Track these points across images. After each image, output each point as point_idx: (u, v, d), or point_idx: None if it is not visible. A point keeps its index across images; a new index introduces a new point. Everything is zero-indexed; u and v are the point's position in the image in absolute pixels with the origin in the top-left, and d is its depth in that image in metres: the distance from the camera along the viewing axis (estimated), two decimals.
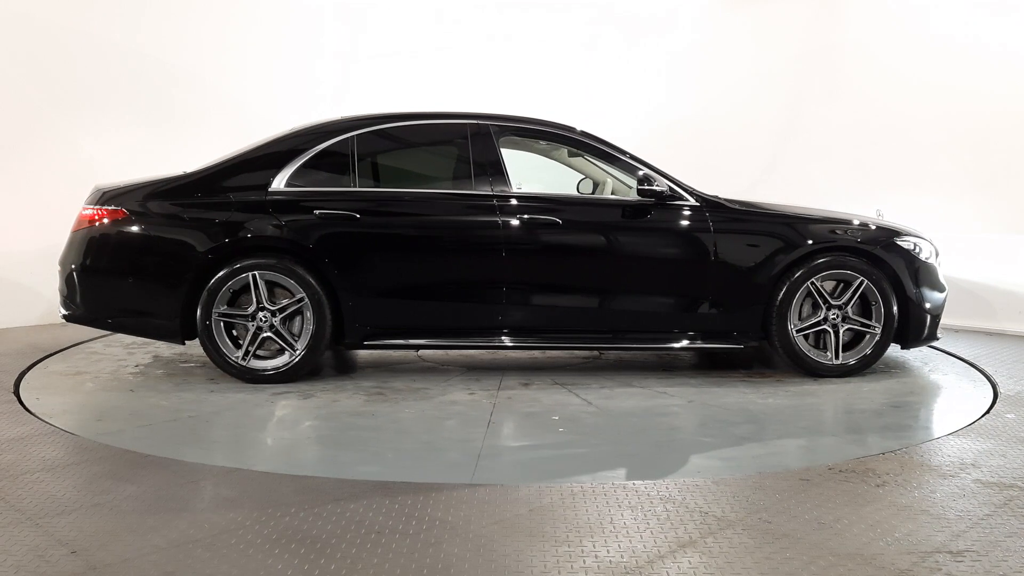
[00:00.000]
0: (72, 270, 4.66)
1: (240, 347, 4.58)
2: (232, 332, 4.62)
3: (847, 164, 7.47)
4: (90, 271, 4.65)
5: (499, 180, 4.72)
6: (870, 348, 4.76)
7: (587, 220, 4.79)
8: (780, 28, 8.04)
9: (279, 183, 4.65)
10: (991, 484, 3.09)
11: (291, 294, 4.58)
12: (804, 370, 4.78)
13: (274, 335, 4.58)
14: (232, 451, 3.63)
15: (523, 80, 8.79)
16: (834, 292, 4.77)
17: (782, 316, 4.68)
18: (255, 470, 3.24)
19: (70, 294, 4.71)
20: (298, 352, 4.59)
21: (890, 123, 7.21)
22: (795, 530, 2.67)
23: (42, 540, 2.58)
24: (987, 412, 4.14)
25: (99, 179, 4.93)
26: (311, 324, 4.57)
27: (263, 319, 4.56)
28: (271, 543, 2.55)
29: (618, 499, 2.92)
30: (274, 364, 4.62)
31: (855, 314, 4.73)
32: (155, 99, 7.27)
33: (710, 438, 3.77)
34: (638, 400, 4.38)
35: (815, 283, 4.69)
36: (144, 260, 4.65)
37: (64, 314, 4.78)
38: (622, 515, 2.78)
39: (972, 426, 3.89)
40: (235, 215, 4.59)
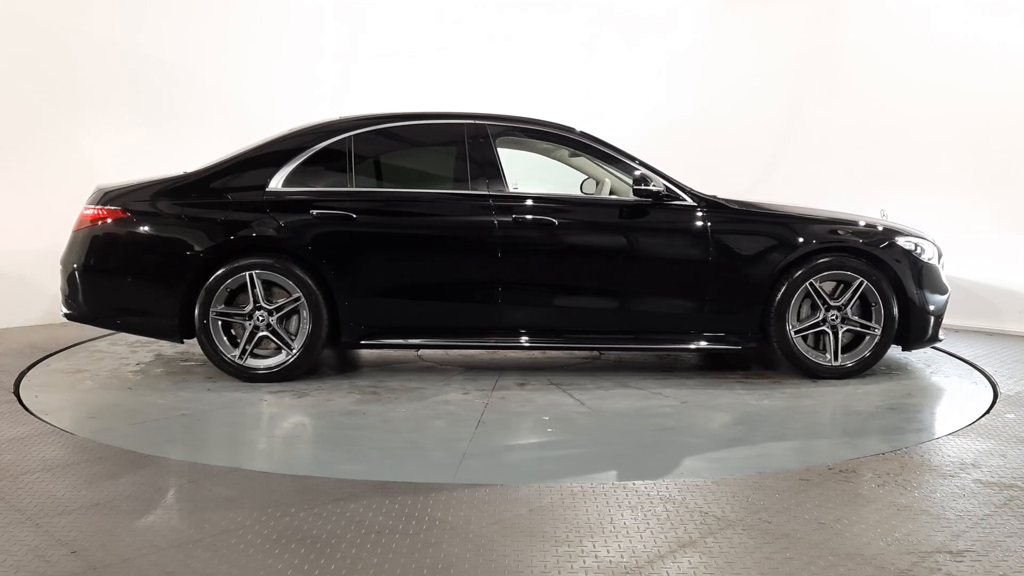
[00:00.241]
0: (73, 269, 4.70)
1: (238, 346, 4.60)
2: (231, 331, 4.64)
3: (847, 164, 7.46)
4: (91, 270, 4.68)
5: (495, 180, 4.72)
6: (869, 350, 4.73)
7: (583, 220, 4.79)
8: (780, 28, 8.04)
9: (277, 183, 4.66)
10: (991, 484, 3.09)
11: (288, 293, 4.60)
12: (802, 371, 4.77)
13: (271, 334, 4.60)
14: (216, 448, 3.67)
15: (523, 80, 8.79)
16: (834, 293, 4.75)
17: (780, 317, 4.67)
18: (255, 470, 3.25)
19: (71, 293, 4.74)
20: (295, 351, 4.61)
21: (890, 123, 7.21)
22: (795, 530, 2.67)
23: (42, 540, 2.57)
24: (987, 412, 4.14)
25: (99, 179, 4.96)
26: (307, 324, 4.58)
27: (260, 318, 4.57)
28: (271, 543, 2.55)
29: (618, 499, 2.92)
30: (271, 363, 4.63)
31: (855, 315, 4.72)
32: (155, 99, 7.28)
33: (699, 439, 3.76)
34: (631, 401, 4.37)
35: (814, 284, 4.67)
36: (144, 259, 4.69)
37: (65, 313, 4.81)
38: (622, 515, 2.78)
39: (972, 426, 3.89)
40: (233, 215, 4.61)
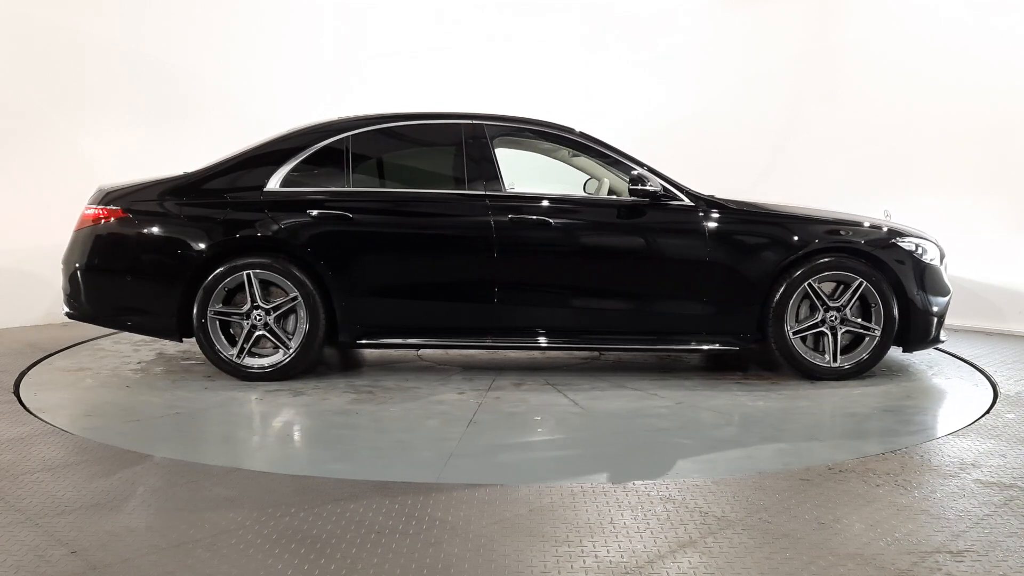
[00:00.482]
0: (75, 269, 4.72)
1: (236, 345, 4.61)
2: (229, 330, 4.66)
3: (847, 164, 7.46)
4: (92, 270, 4.71)
5: (492, 180, 4.72)
6: (869, 351, 4.71)
7: (579, 220, 4.78)
8: (780, 28, 8.03)
9: (275, 183, 4.68)
10: (991, 484, 3.09)
11: (285, 293, 4.61)
12: (801, 372, 4.76)
13: (268, 333, 4.61)
14: (209, 447, 3.69)
15: (523, 80, 8.79)
16: (833, 294, 4.73)
17: (779, 317, 4.66)
18: (254, 470, 3.25)
19: (73, 292, 4.76)
20: (292, 350, 4.62)
21: (890, 123, 7.20)
22: (795, 530, 2.67)
23: (42, 540, 2.58)
24: (987, 412, 4.13)
25: (100, 179, 4.99)
26: (304, 323, 4.59)
27: (258, 317, 4.58)
28: (271, 543, 2.55)
29: (618, 499, 2.92)
30: (268, 362, 4.65)
31: (855, 316, 4.71)
32: (155, 99, 7.28)
33: (690, 440, 3.74)
34: (626, 401, 4.36)
35: (812, 284, 4.66)
36: (144, 258, 4.71)
37: (67, 312, 4.84)
38: (622, 515, 2.78)
39: (972, 426, 3.89)
40: (231, 214, 4.63)
